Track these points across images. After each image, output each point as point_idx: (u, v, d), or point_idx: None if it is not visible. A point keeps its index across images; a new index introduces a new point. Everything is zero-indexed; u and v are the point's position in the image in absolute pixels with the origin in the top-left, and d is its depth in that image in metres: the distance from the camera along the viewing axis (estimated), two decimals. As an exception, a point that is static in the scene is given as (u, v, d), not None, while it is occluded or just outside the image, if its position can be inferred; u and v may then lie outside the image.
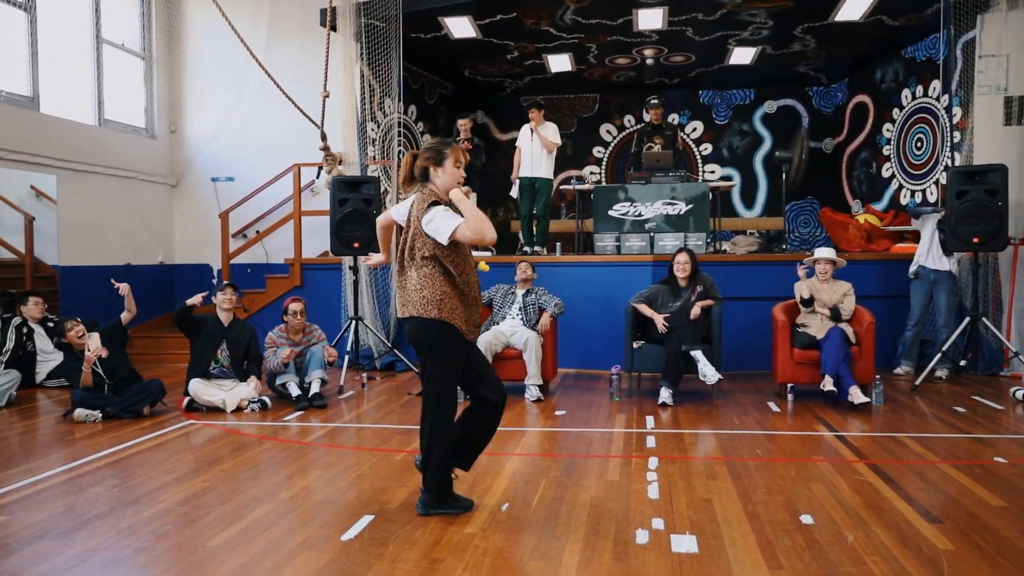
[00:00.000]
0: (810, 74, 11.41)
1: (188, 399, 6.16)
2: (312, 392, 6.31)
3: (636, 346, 6.58)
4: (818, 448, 4.88)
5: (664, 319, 6.38)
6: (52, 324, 7.72)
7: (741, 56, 10.30)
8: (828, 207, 10.35)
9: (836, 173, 11.72)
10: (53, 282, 8.79)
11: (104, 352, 6.00)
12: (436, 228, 3.46)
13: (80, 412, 5.81)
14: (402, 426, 5.57)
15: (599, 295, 7.81)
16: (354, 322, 7.73)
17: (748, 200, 12.17)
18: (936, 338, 7.27)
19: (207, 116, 10.49)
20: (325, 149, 8.53)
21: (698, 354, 6.24)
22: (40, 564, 3.14)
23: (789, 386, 6.38)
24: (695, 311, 6.40)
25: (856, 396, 5.86)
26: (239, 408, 6.13)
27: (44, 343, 7.55)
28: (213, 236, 9.97)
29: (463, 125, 9.43)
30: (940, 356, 6.95)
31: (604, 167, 12.52)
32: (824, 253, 6.52)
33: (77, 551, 3.27)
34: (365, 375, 7.58)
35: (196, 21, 10.43)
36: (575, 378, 7.63)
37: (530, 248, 9.13)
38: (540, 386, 6.51)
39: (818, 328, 6.31)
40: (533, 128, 8.89)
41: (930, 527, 3.44)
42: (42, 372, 7.49)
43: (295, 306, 6.60)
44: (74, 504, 3.90)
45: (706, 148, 12.26)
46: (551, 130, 9.04)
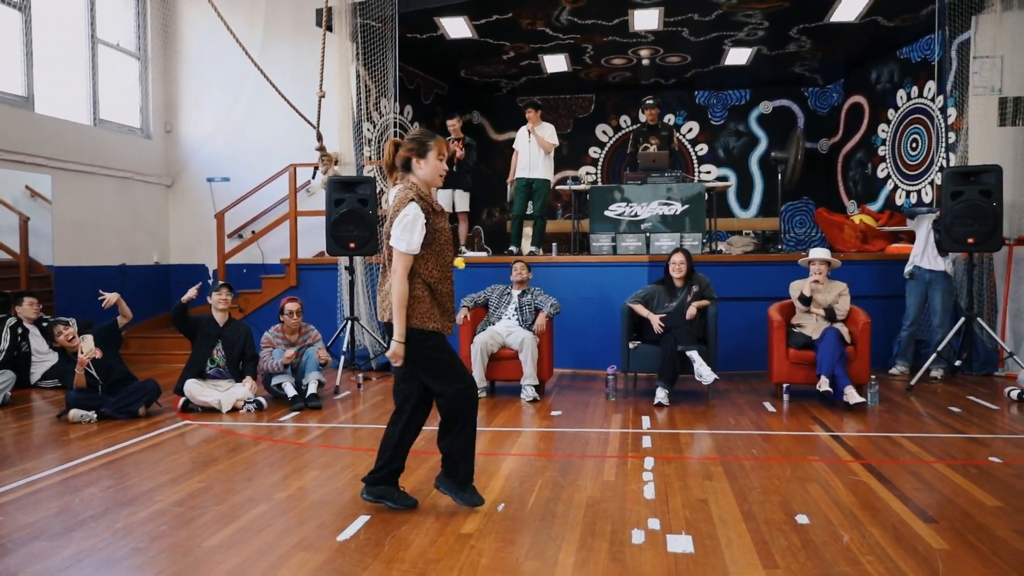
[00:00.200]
0: (806, 75, 11.44)
1: (184, 399, 6.14)
2: (308, 393, 6.30)
3: (632, 346, 6.59)
4: (814, 448, 4.88)
5: (660, 319, 6.39)
6: (47, 325, 7.71)
7: (737, 57, 10.32)
8: (824, 207, 10.36)
9: (832, 173, 11.74)
10: (48, 282, 8.77)
11: (98, 353, 5.99)
12: (395, 239, 3.46)
13: (75, 413, 5.80)
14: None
15: (595, 295, 7.81)
16: (350, 322, 7.73)
17: (744, 200, 12.20)
18: (931, 338, 7.29)
19: (203, 116, 10.48)
20: (321, 149, 8.52)
21: (694, 354, 6.24)
22: (35, 565, 3.14)
23: (785, 386, 6.39)
24: (691, 311, 6.41)
25: (851, 396, 5.87)
26: (235, 409, 6.12)
27: (39, 343, 7.53)
28: (209, 236, 9.96)
29: (452, 125, 9.37)
30: (935, 356, 6.97)
31: (600, 167, 12.53)
32: (819, 253, 6.53)
33: (72, 552, 3.27)
34: (361, 375, 7.58)
35: (192, 21, 10.42)
36: (571, 378, 7.63)
37: (517, 248, 9.10)
38: (536, 386, 6.51)
39: (814, 328, 6.32)
40: (530, 129, 8.87)
41: (925, 527, 3.45)
42: (37, 373, 7.47)
43: (291, 306, 6.59)
44: (69, 505, 3.89)
45: (702, 148, 12.28)
46: (548, 131, 9.01)
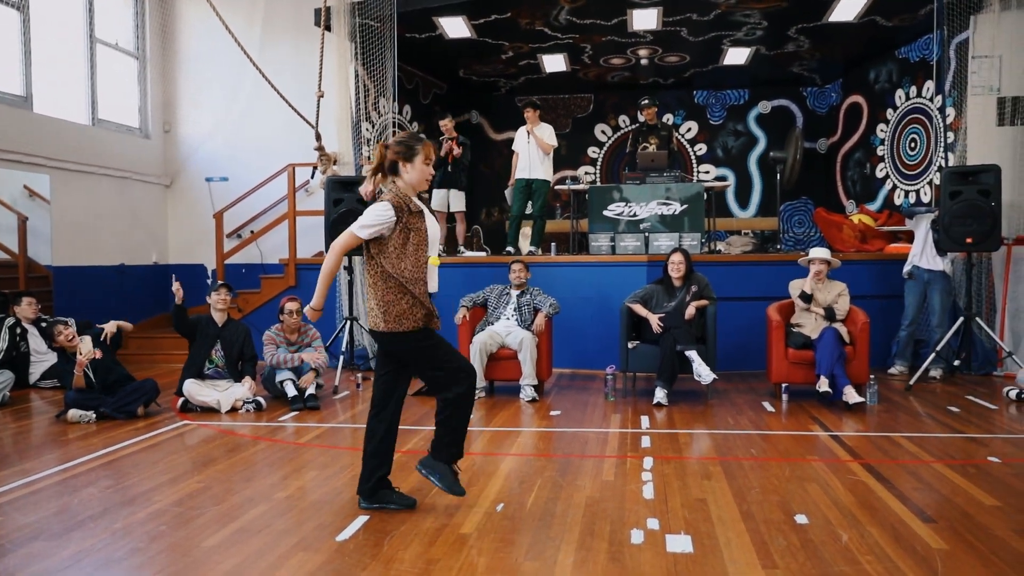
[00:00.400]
0: (804, 74, 11.45)
1: (182, 400, 6.14)
2: (307, 393, 6.30)
3: (631, 346, 6.59)
4: (812, 448, 4.89)
5: (659, 319, 6.39)
6: (46, 325, 7.70)
7: (735, 56, 10.33)
8: (822, 207, 10.37)
9: (830, 173, 11.75)
10: (47, 282, 8.76)
11: (97, 354, 5.99)
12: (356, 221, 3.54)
13: (74, 413, 5.79)
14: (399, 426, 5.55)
15: (594, 295, 7.81)
16: (349, 322, 7.72)
17: (743, 200, 12.20)
18: (930, 338, 7.29)
19: (201, 116, 10.47)
20: (320, 149, 8.52)
21: (693, 354, 6.25)
22: (34, 565, 3.13)
23: (784, 386, 6.39)
24: (690, 311, 6.41)
25: (850, 396, 5.87)
26: (234, 409, 6.11)
27: (38, 343, 7.53)
28: (207, 236, 9.96)
29: (445, 125, 9.26)
30: (934, 356, 6.97)
31: (599, 167, 12.54)
32: (819, 253, 6.53)
33: (71, 552, 3.26)
34: (360, 375, 7.57)
35: (190, 20, 10.41)
36: (570, 378, 7.63)
37: (514, 248, 9.07)
38: (535, 386, 6.51)
39: (812, 328, 6.33)
40: (529, 130, 8.84)
41: (924, 526, 3.45)
42: (36, 373, 7.47)
43: (291, 305, 6.60)
44: (68, 505, 3.88)
45: (701, 148, 12.29)
46: (547, 132, 8.95)
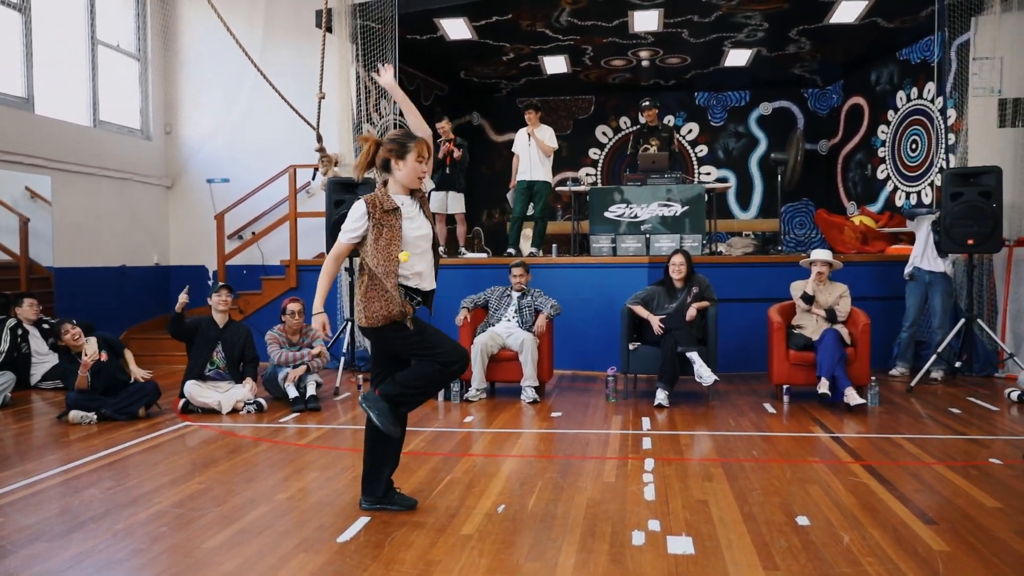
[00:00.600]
0: (805, 76, 11.45)
1: (184, 401, 6.14)
2: (308, 395, 6.30)
3: (632, 348, 6.58)
4: (814, 449, 4.88)
5: (660, 320, 6.39)
6: (47, 326, 7.71)
7: (737, 58, 10.33)
8: (823, 209, 10.38)
9: (831, 175, 11.75)
10: (48, 283, 8.76)
11: (103, 356, 6.01)
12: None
13: (75, 414, 5.80)
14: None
15: (595, 297, 7.81)
16: (349, 323, 7.72)
17: (744, 202, 12.20)
18: (931, 339, 7.29)
19: (202, 117, 10.47)
20: (321, 151, 8.52)
21: (694, 355, 6.24)
22: (36, 566, 3.13)
23: (785, 387, 6.39)
24: (691, 312, 6.41)
25: (851, 397, 5.87)
26: (235, 410, 6.11)
27: (39, 345, 7.53)
28: (209, 238, 9.96)
29: (442, 127, 9.26)
30: (935, 357, 6.97)
31: (600, 169, 12.54)
32: (820, 255, 6.53)
33: (73, 553, 3.27)
34: (361, 376, 7.57)
35: (191, 22, 10.42)
36: (571, 380, 7.63)
37: (515, 250, 9.08)
38: (536, 388, 6.52)
39: (814, 330, 6.33)
40: (530, 132, 8.85)
41: (925, 528, 3.45)
42: (37, 374, 7.48)
43: (293, 306, 6.60)
44: (69, 506, 3.88)
45: (702, 150, 12.29)
46: (548, 134, 8.96)
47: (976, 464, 4.49)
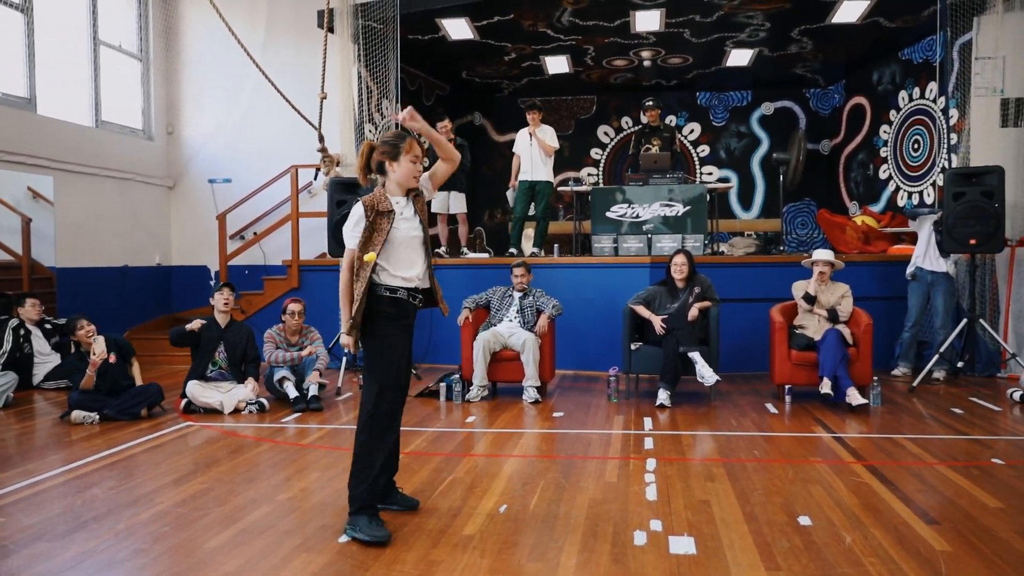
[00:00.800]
0: (807, 76, 11.44)
1: (186, 401, 6.15)
2: (310, 395, 6.30)
3: (634, 348, 6.58)
4: (816, 450, 4.88)
5: (662, 320, 6.39)
6: (50, 326, 7.72)
7: (738, 58, 10.32)
8: (825, 209, 10.37)
9: (833, 175, 11.74)
10: (50, 284, 8.77)
11: (112, 359, 6.02)
12: (344, 235, 3.57)
13: (77, 414, 5.80)
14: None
15: (597, 297, 7.81)
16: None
17: (745, 202, 12.20)
18: (933, 339, 7.28)
19: (204, 118, 10.49)
20: (323, 151, 8.53)
21: (696, 355, 6.24)
22: (38, 566, 3.14)
23: (787, 387, 6.39)
24: (693, 312, 6.41)
25: (854, 397, 5.87)
26: (237, 410, 6.12)
27: (41, 345, 7.54)
28: (210, 238, 9.97)
29: (443, 127, 9.29)
30: (937, 357, 6.96)
31: (602, 169, 12.53)
32: (822, 255, 6.53)
33: (75, 553, 3.27)
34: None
35: (193, 23, 10.43)
36: (573, 379, 7.63)
37: (516, 250, 9.08)
38: (538, 387, 6.51)
39: (816, 330, 6.32)
40: (532, 132, 8.84)
41: (928, 528, 3.44)
42: (39, 374, 7.48)
43: (294, 307, 6.60)
44: (72, 506, 3.89)
45: (704, 150, 12.28)
46: (549, 134, 8.96)
47: (978, 464, 4.48)
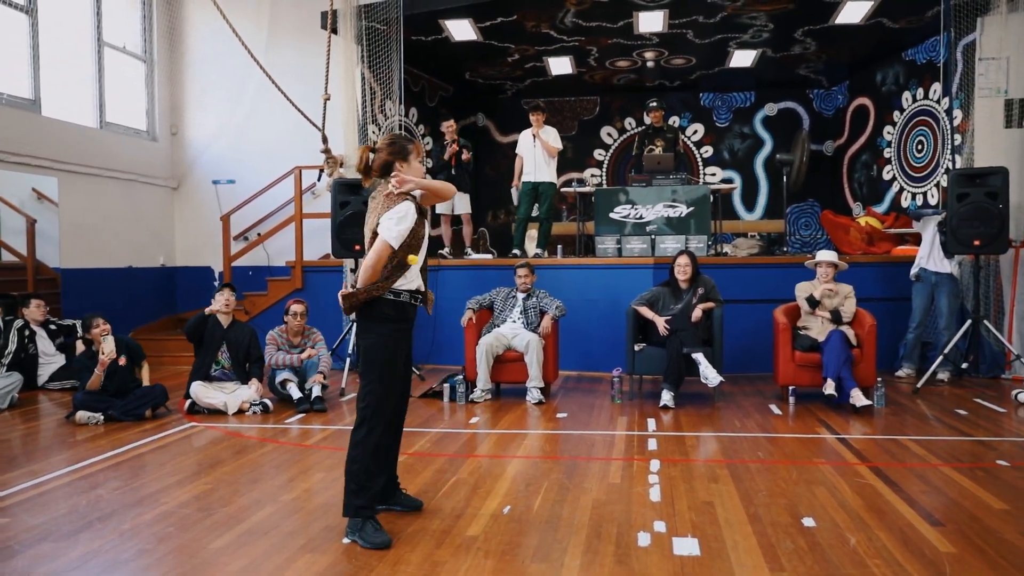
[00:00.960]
0: (811, 77, 11.43)
1: (190, 402, 6.16)
2: (313, 396, 6.31)
3: (637, 348, 6.58)
4: (820, 451, 4.88)
5: (665, 321, 6.38)
6: (55, 327, 7.73)
7: (742, 59, 10.31)
8: (829, 210, 10.35)
9: (837, 175, 11.73)
10: (55, 284, 8.80)
11: (122, 361, 6.03)
12: (386, 228, 3.39)
13: (82, 414, 5.82)
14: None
15: (600, 298, 7.81)
16: (355, 324, 7.72)
17: (749, 203, 12.18)
18: (937, 340, 7.27)
19: (208, 119, 10.51)
20: (326, 152, 8.53)
21: (699, 356, 6.24)
22: (43, 566, 3.14)
23: (790, 389, 6.38)
24: (696, 313, 6.40)
25: (857, 399, 5.86)
26: (240, 411, 6.13)
27: (46, 345, 7.56)
28: (214, 238, 9.98)
29: (449, 127, 9.29)
30: (942, 358, 6.95)
31: (605, 170, 12.53)
32: (825, 256, 6.52)
33: (79, 553, 3.28)
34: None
35: (197, 24, 10.45)
36: (576, 380, 7.63)
37: (520, 251, 9.08)
38: (541, 388, 6.51)
39: (819, 331, 6.32)
40: (535, 133, 8.85)
41: (932, 530, 3.44)
42: (44, 375, 7.50)
43: (296, 308, 6.61)
44: (76, 506, 3.90)
45: (707, 151, 12.27)
46: (552, 135, 8.96)
47: (983, 466, 4.48)
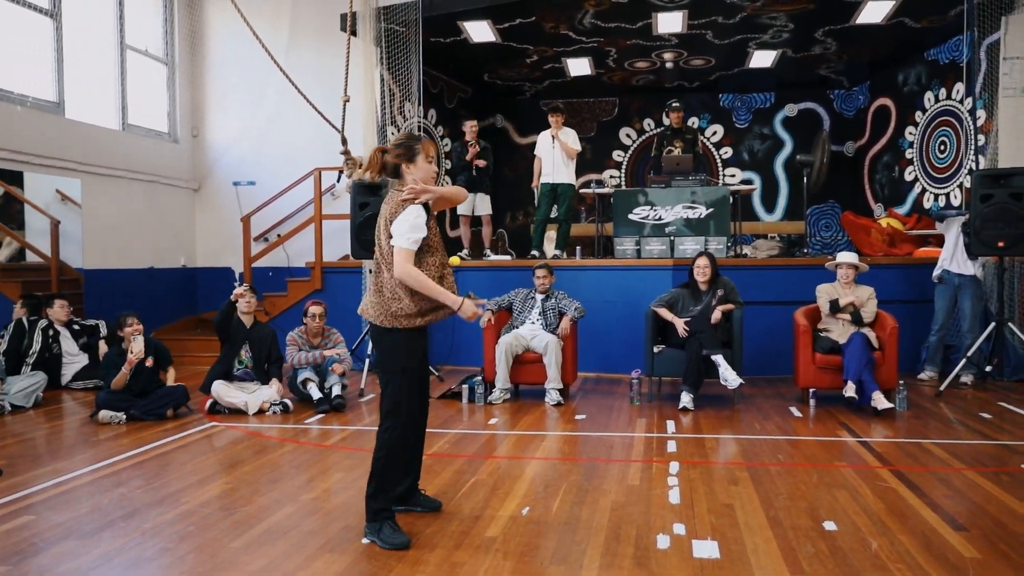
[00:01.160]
0: (831, 77, 11.34)
1: (211, 401, 6.22)
2: (333, 395, 6.35)
3: (656, 350, 6.56)
4: (841, 454, 4.83)
5: (685, 323, 6.36)
6: (79, 327, 7.82)
7: (761, 59, 10.25)
8: (850, 211, 10.27)
9: (858, 176, 11.62)
10: (78, 285, 8.90)
11: (149, 362, 6.10)
12: (400, 236, 3.36)
13: (105, 414, 5.88)
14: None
15: (619, 299, 7.79)
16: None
17: (769, 204, 12.11)
18: (960, 343, 7.19)
19: (228, 121, 10.60)
20: (345, 153, 8.56)
21: (719, 358, 6.21)
22: (65, 564, 3.18)
23: (811, 391, 6.33)
24: (716, 315, 6.37)
25: (879, 401, 5.80)
26: (261, 411, 6.17)
27: (69, 345, 7.64)
28: (235, 240, 10.07)
29: (470, 126, 9.30)
30: (965, 361, 6.87)
31: (624, 171, 12.50)
32: (846, 258, 6.47)
33: (102, 551, 3.31)
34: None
35: (217, 26, 10.55)
36: (595, 382, 7.62)
37: (539, 252, 9.07)
38: (560, 390, 6.51)
39: (840, 333, 6.26)
40: (555, 135, 8.84)
41: (955, 535, 3.40)
42: (67, 374, 7.58)
43: (315, 309, 6.65)
44: (99, 505, 3.94)
45: (726, 152, 12.21)
46: (572, 137, 8.96)
47: (1007, 470, 4.42)
